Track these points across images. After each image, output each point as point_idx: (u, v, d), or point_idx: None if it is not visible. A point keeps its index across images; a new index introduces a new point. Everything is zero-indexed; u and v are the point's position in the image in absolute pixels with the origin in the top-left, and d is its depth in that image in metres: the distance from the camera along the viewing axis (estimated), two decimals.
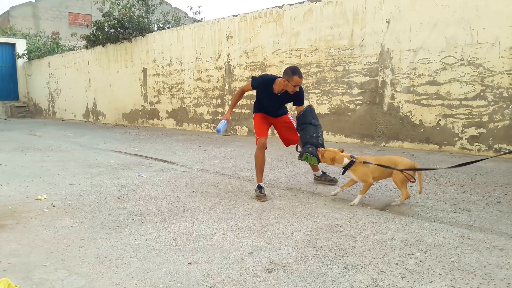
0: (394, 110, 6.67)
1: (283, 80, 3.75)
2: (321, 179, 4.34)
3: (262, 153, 3.92)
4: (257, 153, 3.92)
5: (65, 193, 4.06)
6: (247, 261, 2.37)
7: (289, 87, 3.74)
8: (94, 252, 2.53)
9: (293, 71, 3.69)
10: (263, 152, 3.93)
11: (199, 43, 10.14)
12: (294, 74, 3.67)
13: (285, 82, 3.73)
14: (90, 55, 14.44)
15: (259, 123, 4.09)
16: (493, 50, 5.57)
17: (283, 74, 3.77)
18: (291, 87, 3.73)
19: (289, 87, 3.74)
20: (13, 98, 19.09)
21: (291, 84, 3.71)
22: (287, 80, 3.70)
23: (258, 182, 3.87)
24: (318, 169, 4.32)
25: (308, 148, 3.76)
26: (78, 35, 14.87)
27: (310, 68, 7.81)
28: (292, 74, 3.67)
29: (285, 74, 3.73)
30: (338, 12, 7.24)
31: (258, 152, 3.92)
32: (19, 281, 2.13)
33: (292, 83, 3.69)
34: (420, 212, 3.25)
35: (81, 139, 8.97)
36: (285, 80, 3.72)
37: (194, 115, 10.61)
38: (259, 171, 3.91)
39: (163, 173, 5.01)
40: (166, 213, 3.35)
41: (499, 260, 2.33)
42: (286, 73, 3.72)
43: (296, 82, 3.69)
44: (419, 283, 2.07)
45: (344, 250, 2.50)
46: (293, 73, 3.68)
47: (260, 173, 3.90)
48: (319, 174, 4.36)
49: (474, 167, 4.89)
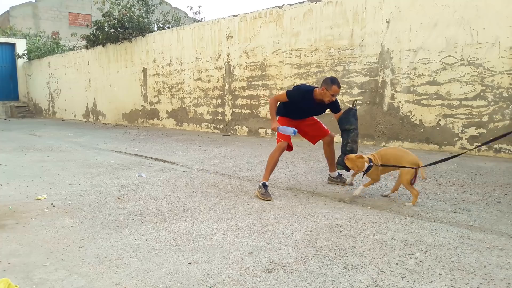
0: (394, 110, 6.67)
1: (322, 89, 3.85)
2: (336, 180, 4.32)
3: (279, 155, 3.95)
4: (275, 154, 3.94)
5: (65, 193, 4.06)
6: (247, 261, 2.37)
7: (326, 96, 3.84)
8: (94, 252, 2.53)
9: (332, 81, 3.80)
10: (280, 155, 3.97)
11: (199, 43, 10.14)
12: (333, 83, 3.79)
13: (324, 91, 3.83)
14: (90, 55, 14.44)
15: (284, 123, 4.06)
16: (493, 50, 5.57)
17: (323, 82, 3.87)
18: (329, 96, 3.83)
19: (327, 96, 3.84)
20: (13, 98, 19.09)
21: (329, 93, 3.81)
22: (325, 89, 3.81)
23: (264, 180, 3.87)
24: (335, 169, 4.30)
25: (338, 158, 3.91)
26: (78, 35, 14.86)
27: (310, 68, 7.81)
28: (331, 83, 3.79)
29: (325, 83, 3.84)
30: (338, 12, 7.24)
31: (276, 154, 3.94)
32: (19, 281, 2.13)
33: (331, 92, 3.80)
34: (420, 212, 3.25)
35: (81, 139, 8.97)
36: (324, 88, 3.82)
37: (194, 115, 10.62)
38: (270, 171, 3.93)
39: (163, 173, 5.01)
40: (166, 213, 3.35)
41: (499, 260, 2.33)
42: (326, 83, 3.83)
43: (334, 91, 3.81)
44: (419, 283, 2.07)
45: (344, 250, 2.50)
46: (332, 82, 3.79)
47: (269, 173, 3.93)
48: (335, 176, 4.34)
49: (474, 167, 4.89)
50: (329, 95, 3.81)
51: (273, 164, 3.94)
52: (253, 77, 8.93)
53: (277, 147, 3.95)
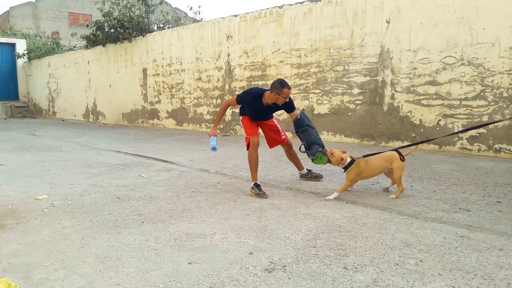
0: (394, 110, 6.67)
1: (273, 94, 3.85)
2: (307, 176, 4.49)
3: (256, 152, 4.02)
4: (252, 153, 4.01)
5: (65, 193, 4.06)
6: (247, 261, 2.37)
7: (279, 99, 3.86)
8: (94, 252, 2.53)
9: (281, 84, 3.81)
10: (257, 151, 4.03)
11: (199, 43, 10.14)
12: (283, 87, 3.80)
13: (275, 95, 3.84)
14: (90, 55, 14.44)
15: (249, 124, 4.19)
16: (493, 50, 5.57)
17: (272, 88, 3.87)
18: (281, 99, 3.85)
19: (280, 100, 3.86)
20: (13, 98, 19.08)
21: (281, 97, 3.83)
22: (276, 93, 3.82)
23: (254, 180, 3.95)
24: (303, 168, 4.48)
25: (318, 148, 3.86)
26: (78, 35, 14.85)
27: (310, 68, 7.81)
28: (281, 87, 3.80)
29: (274, 88, 3.83)
30: (338, 12, 7.24)
31: (253, 151, 4.01)
32: (19, 281, 2.13)
33: (282, 95, 3.82)
34: (420, 212, 3.25)
35: (81, 139, 8.97)
36: (274, 94, 3.83)
37: (194, 115, 10.62)
38: (255, 170, 4.00)
39: (163, 173, 5.01)
40: (166, 213, 3.35)
41: (499, 260, 2.33)
42: (275, 87, 3.82)
43: (285, 94, 3.82)
44: (419, 283, 2.07)
45: (344, 250, 2.50)
46: (282, 86, 3.80)
47: (255, 172, 4.00)
48: (305, 172, 4.50)
49: (474, 167, 4.89)
50: (281, 98, 3.84)
51: (254, 162, 3.99)
52: (253, 77, 8.93)
53: (251, 145, 4.00)
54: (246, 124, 4.20)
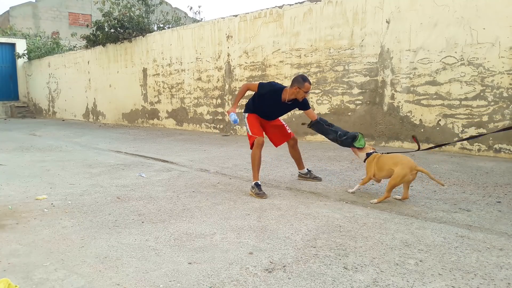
0: (394, 110, 6.67)
1: (294, 88, 3.94)
2: (306, 176, 4.49)
3: (260, 152, 4.02)
4: (256, 152, 4.00)
5: (65, 193, 4.06)
6: (247, 261, 2.37)
7: (300, 94, 3.96)
8: (94, 252, 2.53)
9: (304, 79, 3.93)
10: (261, 151, 4.04)
11: (199, 43, 10.14)
12: (305, 81, 3.91)
13: (296, 89, 3.93)
14: (90, 55, 14.44)
15: (255, 123, 4.16)
16: (493, 50, 5.57)
17: (294, 82, 3.96)
18: (302, 93, 3.95)
19: (300, 94, 3.96)
20: (13, 98, 19.08)
21: (303, 91, 3.93)
22: (298, 87, 3.92)
23: (255, 180, 3.95)
24: (304, 167, 4.50)
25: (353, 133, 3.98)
26: (78, 35, 14.86)
27: (310, 68, 7.81)
28: (303, 81, 3.91)
29: (296, 82, 3.94)
30: (338, 12, 7.24)
31: (257, 151, 4.00)
32: (19, 281, 2.13)
33: (304, 89, 3.92)
34: (420, 212, 3.25)
35: (81, 139, 8.97)
36: (296, 87, 3.92)
37: (194, 115, 10.62)
38: (257, 169, 3.99)
39: (163, 173, 5.01)
40: (166, 213, 3.35)
41: (499, 260, 2.33)
42: (297, 81, 3.93)
43: (307, 89, 3.93)
44: (419, 283, 2.07)
45: (344, 250, 2.50)
46: (304, 80, 3.92)
47: (257, 171, 4.00)
48: (305, 172, 4.50)
49: (474, 167, 4.89)
50: (302, 92, 3.93)
51: (258, 162, 4.00)
52: (253, 77, 8.93)
53: (256, 144, 4.01)
54: (252, 122, 4.15)
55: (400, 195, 3.61)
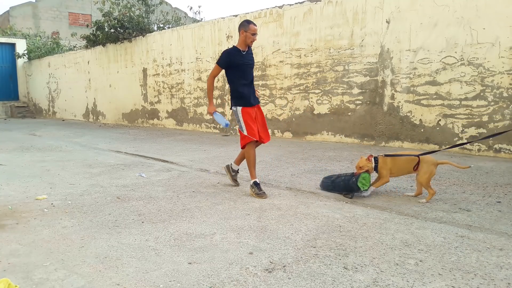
0: (394, 110, 6.67)
1: (241, 33, 3.99)
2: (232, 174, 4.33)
3: (254, 149, 4.04)
4: (250, 151, 4.00)
5: (65, 193, 4.06)
6: (247, 261, 2.37)
7: (248, 37, 3.97)
8: (94, 252, 2.53)
9: (247, 21, 4.01)
10: (254, 149, 4.05)
11: (199, 43, 10.14)
12: (249, 23, 3.98)
13: (243, 33, 3.97)
14: (90, 55, 14.44)
15: (250, 121, 4.02)
16: (493, 50, 5.57)
17: (240, 27, 4.01)
18: (250, 36, 3.97)
19: (249, 38, 3.97)
20: (13, 98, 19.08)
21: (249, 33, 3.95)
22: (244, 30, 3.96)
23: (253, 179, 3.93)
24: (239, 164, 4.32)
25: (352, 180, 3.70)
26: (78, 35, 14.86)
27: (310, 68, 7.81)
28: (247, 23, 3.97)
29: (242, 26, 3.99)
30: (338, 12, 7.24)
31: (251, 149, 4.00)
32: (19, 281, 2.13)
33: (250, 31, 3.95)
34: (420, 212, 3.25)
35: (81, 139, 8.97)
36: (242, 31, 3.97)
37: (194, 115, 10.61)
38: (253, 167, 3.98)
39: (163, 173, 5.01)
40: (166, 213, 3.35)
41: (499, 260, 2.33)
42: (242, 25, 3.99)
43: (253, 30, 3.96)
44: (419, 283, 2.07)
45: (344, 250, 2.50)
46: (248, 22, 3.99)
47: (254, 169, 3.99)
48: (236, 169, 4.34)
49: (474, 167, 4.89)
50: (250, 35, 3.95)
51: (253, 160, 4.00)
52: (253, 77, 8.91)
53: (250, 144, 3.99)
54: (247, 118, 4.01)
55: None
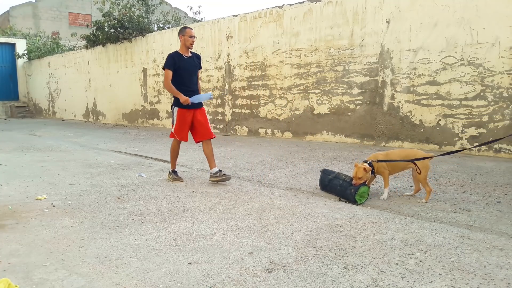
0: (394, 110, 6.67)
1: (180, 38, 4.38)
2: (216, 175, 4.36)
3: (179, 145, 4.58)
4: (175, 145, 4.58)
5: (65, 193, 4.06)
6: (247, 261, 2.37)
7: (187, 41, 4.36)
8: (94, 252, 2.53)
9: (184, 27, 4.44)
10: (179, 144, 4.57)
11: (199, 43, 10.14)
12: (185, 28, 4.40)
13: (182, 38, 4.36)
14: (90, 55, 14.44)
15: (183, 123, 4.43)
16: (493, 50, 5.57)
17: (178, 34, 4.43)
18: (188, 38, 4.35)
19: (188, 41, 4.36)
20: (13, 98, 19.09)
21: (187, 36, 4.34)
22: (182, 35, 4.36)
23: (173, 168, 4.60)
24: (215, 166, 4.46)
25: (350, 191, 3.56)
26: (78, 35, 14.87)
27: (310, 68, 7.81)
28: (184, 29, 4.39)
29: (179, 32, 4.40)
30: (338, 12, 7.24)
31: (176, 145, 4.57)
32: (19, 281, 2.13)
33: (187, 34, 4.34)
34: (420, 212, 3.25)
35: (81, 139, 8.97)
36: (181, 36, 4.37)
37: None
38: (175, 159, 4.61)
39: (163, 173, 5.01)
40: (166, 213, 3.35)
41: (499, 260, 2.33)
42: (180, 31, 4.40)
43: (189, 33, 4.35)
44: (419, 283, 2.07)
45: (344, 250, 2.50)
46: (184, 28, 4.41)
47: (175, 160, 4.62)
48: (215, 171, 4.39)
49: (474, 167, 4.89)
50: (188, 38, 4.34)
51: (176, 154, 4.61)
52: (253, 77, 8.93)
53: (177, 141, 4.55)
54: (180, 121, 4.41)
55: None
